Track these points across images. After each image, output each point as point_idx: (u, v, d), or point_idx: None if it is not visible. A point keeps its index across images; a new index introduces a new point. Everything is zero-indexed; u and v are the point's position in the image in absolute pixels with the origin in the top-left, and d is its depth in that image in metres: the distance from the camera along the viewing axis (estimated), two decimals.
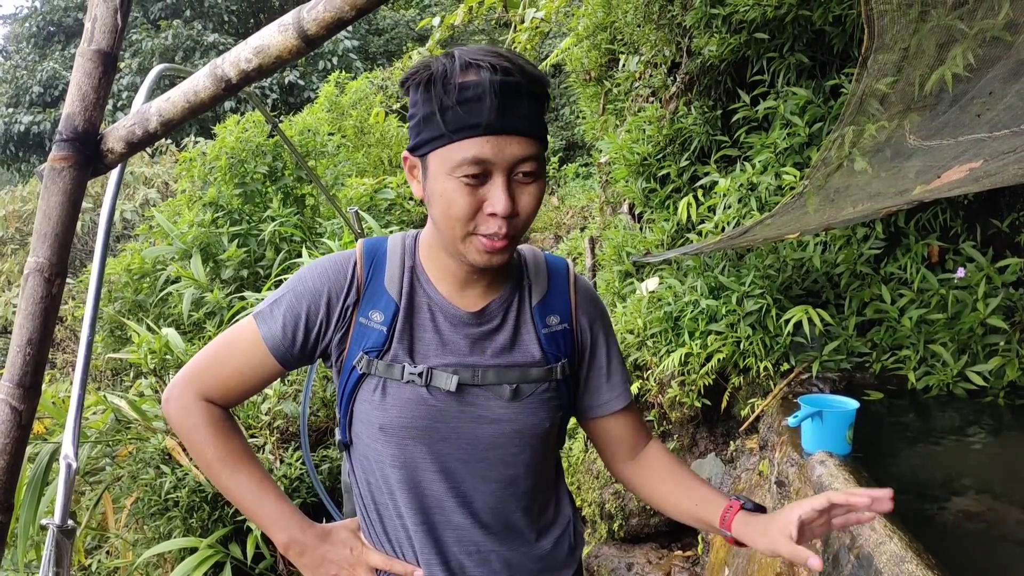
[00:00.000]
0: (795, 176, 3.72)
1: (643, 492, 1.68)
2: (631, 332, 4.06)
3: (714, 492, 1.57)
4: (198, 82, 1.25)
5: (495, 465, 1.49)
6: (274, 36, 1.18)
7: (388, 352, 1.45)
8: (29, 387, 1.31)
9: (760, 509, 1.49)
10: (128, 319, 6.53)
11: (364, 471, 1.54)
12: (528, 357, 1.50)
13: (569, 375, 1.56)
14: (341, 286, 1.48)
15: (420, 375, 1.43)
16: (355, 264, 1.49)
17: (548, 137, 1.39)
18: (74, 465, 1.49)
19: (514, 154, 1.29)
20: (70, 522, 1.42)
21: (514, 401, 1.47)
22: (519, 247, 1.57)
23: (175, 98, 1.28)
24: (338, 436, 1.58)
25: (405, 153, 1.41)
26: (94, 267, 1.67)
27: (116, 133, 1.33)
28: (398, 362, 1.44)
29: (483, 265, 1.38)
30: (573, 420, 1.70)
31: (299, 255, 6.73)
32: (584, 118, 6.71)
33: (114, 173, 1.67)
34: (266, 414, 4.46)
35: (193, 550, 3.86)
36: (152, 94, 1.63)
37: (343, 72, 13.67)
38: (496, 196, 1.30)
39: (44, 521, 1.43)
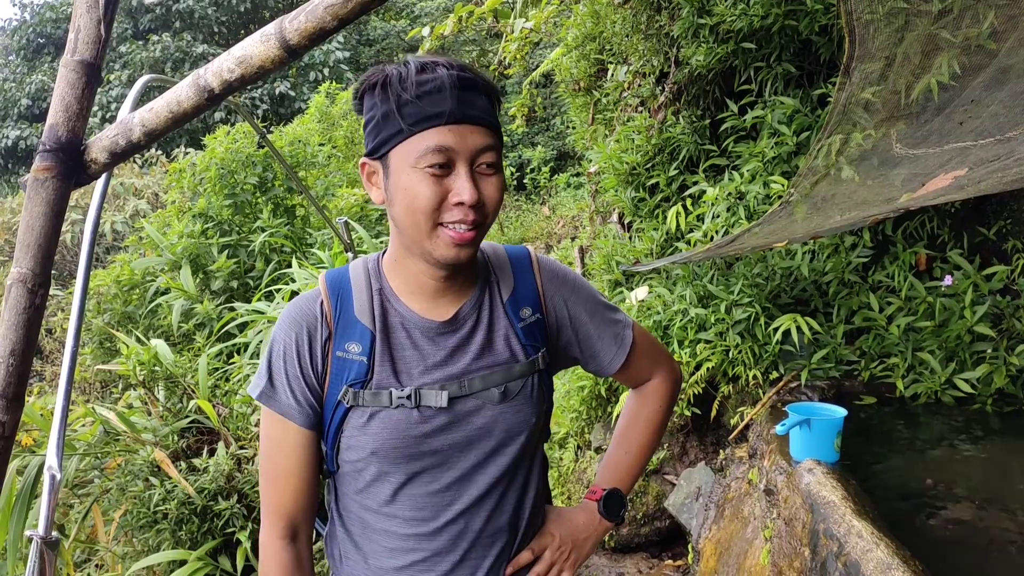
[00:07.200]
0: (783, 185, 3.73)
1: None
2: None
3: (605, 469, 1.78)
4: (181, 92, 1.26)
5: (487, 468, 1.50)
6: (256, 46, 1.18)
7: (372, 380, 1.43)
8: (12, 398, 1.30)
9: (612, 515, 1.71)
10: (117, 331, 6.50)
11: (357, 493, 1.52)
12: (508, 354, 1.51)
13: (550, 363, 1.58)
14: (313, 327, 1.46)
15: (409, 397, 1.42)
16: (321, 302, 1.48)
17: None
18: (58, 476, 1.48)
19: (476, 143, 1.31)
20: (54, 534, 1.41)
21: (502, 403, 1.48)
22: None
23: (158, 108, 1.28)
24: (324, 466, 1.56)
25: (363, 160, 1.41)
26: (79, 278, 1.66)
27: (99, 143, 1.33)
28: (384, 388, 1.43)
29: (451, 260, 1.36)
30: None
31: (289, 265, 6.72)
32: (574, 128, 6.73)
33: (99, 183, 1.66)
34: (256, 425, 4.45)
35: (182, 562, 3.84)
36: (139, 105, 1.63)
37: (334, 83, 13.69)
38: (461, 185, 1.31)
39: (28, 533, 1.43)
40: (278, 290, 5.90)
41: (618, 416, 2.02)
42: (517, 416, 1.50)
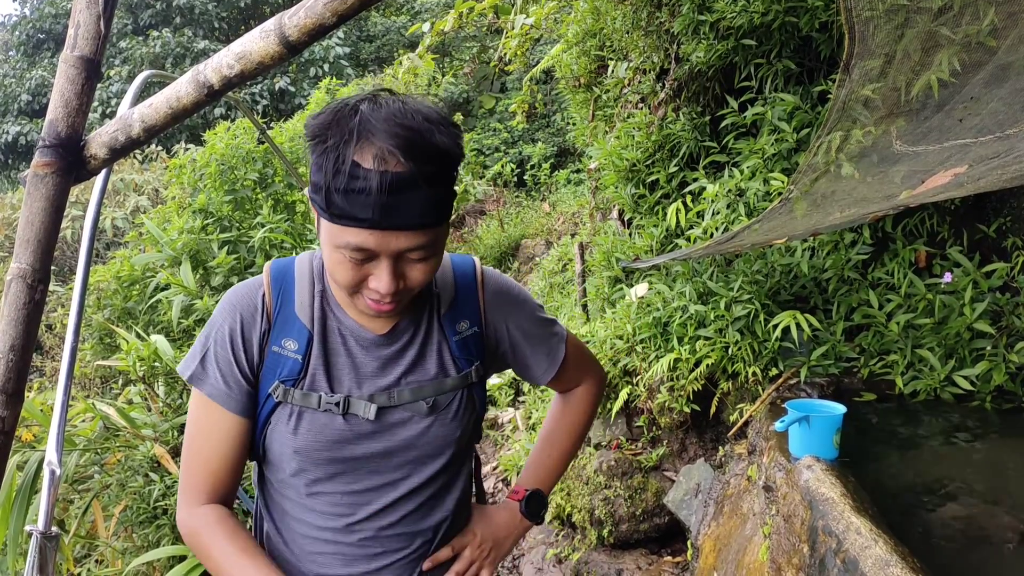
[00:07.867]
0: (783, 182, 3.73)
1: None
2: (620, 338, 4.07)
3: (528, 470, 1.83)
4: (180, 88, 1.25)
5: (409, 477, 1.52)
6: (256, 42, 1.18)
7: (304, 380, 1.44)
8: (12, 393, 1.30)
9: (533, 515, 1.77)
10: (117, 326, 6.50)
11: (278, 482, 1.54)
12: (439, 368, 1.52)
13: (484, 375, 1.60)
14: (252, 316, 1.45)
15: (338, 404, 1.43)
16: (263, 294, 1.47)
17: (452, 210, 1.30)
18: (58, 471, 1.48)
19: (399, 246, 1.26)
20: (53, 528, 1.42)
21: (430, 416, 1.50)
22: None
23: (157, 104, 1.28)
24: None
25: (308, 192, 1.35)
26: (78, 273, 1.66)
27: (99, 139, 1.33)
28: (315, 391, 1.44)
29: (372, 317, 1.40)
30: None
31: None
32: (574, 124, 6.72)
33: (99, 179, 1.66)
34: None
35: (182, 558, 3.84)
36: (138, 101, 1.63)
37: (334, 79, 13.66)
38: (380, 276, 1.29)
39: (28, 528, 1.43)
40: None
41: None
42: (442, 431, 1.52)
